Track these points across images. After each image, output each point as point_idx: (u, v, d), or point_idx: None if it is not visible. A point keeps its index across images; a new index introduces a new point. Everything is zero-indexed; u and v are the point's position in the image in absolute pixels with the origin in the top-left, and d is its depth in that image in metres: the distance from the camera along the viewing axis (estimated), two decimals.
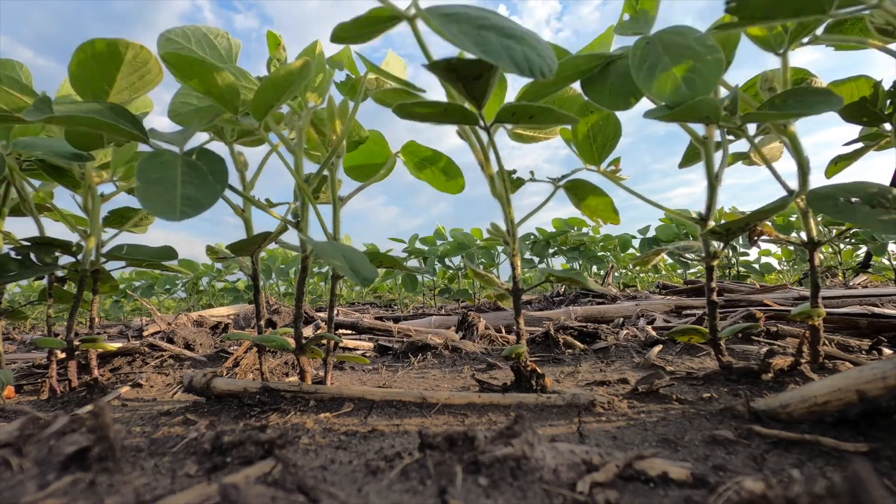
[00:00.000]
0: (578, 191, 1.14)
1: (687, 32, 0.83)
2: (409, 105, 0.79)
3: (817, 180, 1.05)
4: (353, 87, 1.06)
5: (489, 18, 0.68)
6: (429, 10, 0.70)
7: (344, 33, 0.75)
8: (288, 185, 1.05)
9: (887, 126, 1.02)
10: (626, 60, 0.89)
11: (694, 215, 0.99)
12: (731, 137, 1.00)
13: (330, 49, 1.03)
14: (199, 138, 1.03)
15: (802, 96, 0.79)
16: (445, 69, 0.72)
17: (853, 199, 0.75)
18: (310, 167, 1.03)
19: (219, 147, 1.10)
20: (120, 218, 1.25)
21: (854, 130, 1.14)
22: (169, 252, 1.21)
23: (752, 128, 1.08)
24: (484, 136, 0.92)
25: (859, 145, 1.14)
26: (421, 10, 0.71)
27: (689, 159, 1.16)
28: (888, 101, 0.98)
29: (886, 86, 0.98)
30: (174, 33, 0.95)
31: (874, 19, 0.81)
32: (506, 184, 0.96)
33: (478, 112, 0.82)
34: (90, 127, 0.79)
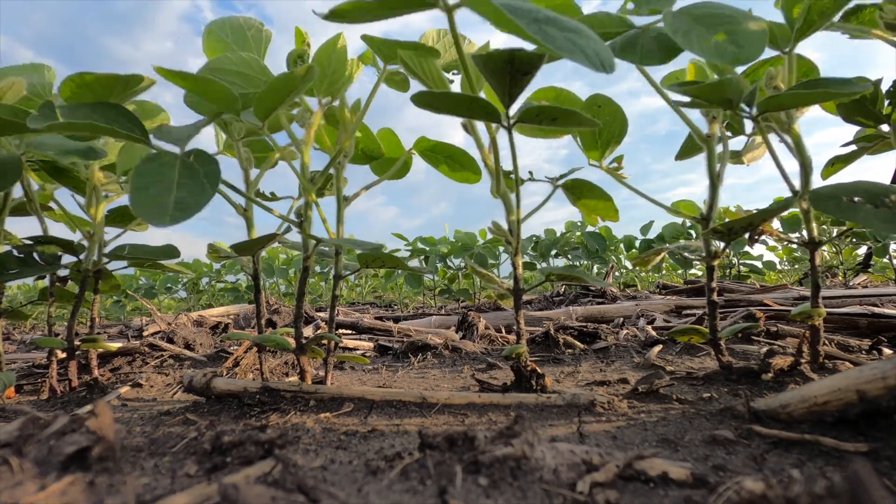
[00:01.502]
0: (577, 190, 1.14)
1: (718, 6, 0.79)
2: (430, 95, 0.75)
3: (818, 181, 1.05)
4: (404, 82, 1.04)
5: (540, 11, 0.63)
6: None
7: (351, 7, 0.67)
8: (292, 183, 1.06)
9: (885, 127, 1.02)
10: (656, 27, 0.86)
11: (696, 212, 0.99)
12: (729, 134, 1.00)
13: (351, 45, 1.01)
14: (199, 140, 1.03)
15: (825, 82, 0.78)
16: (505, 61, 0.68)
17: (856, 199, 0.75)
18: (314, 165, 1.03)
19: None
20: (121, 216, 1.25)
21: (853, 130, 1.14)
22: (171, 251, 1.21)
23: (748, 126, 1.07)
24: (503, 134, 0.89)
25: (856, 147, 1.13)
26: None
27: (686, 152, 1.16)
28: (887, 102, 0.98)
29: (886, 86, 0.98)
30: (216, 24, 1.01)
31: (884, 14, 0.81)
32: (516, 183, 0.95)
33: (506, 110, 0.79)
34: (91, 132, 0.79)
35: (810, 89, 0.77)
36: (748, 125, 1.07)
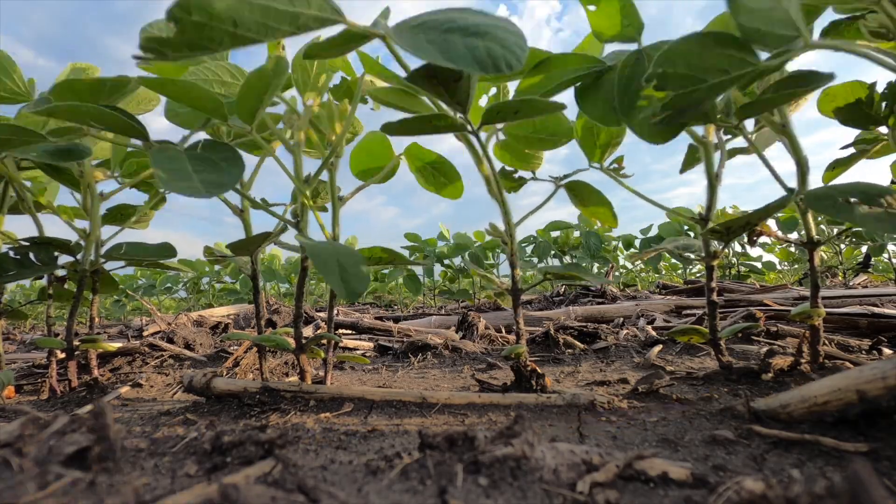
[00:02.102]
0: (578, 191, 1.14)
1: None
2: (396, 123, 0.81)
3: (817, 180, 1.05)
4: (349, 90, 1.05)
5: (455, 20, 0.67)
6: (397, 25, 0.70)
7: (317, 50, 0.76)
8: (287, 183, 1.05)
9: (883, 129, 1.02)
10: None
11: (695, 214, 0.99)
12: (728, 136, 1.00)
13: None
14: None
15: (791, 82, 0.78)
16: (426, 77, 0.73)
17: (851, 199, 0.75)
18: (309, 166, 1.03)
19: None
20: (119, 215, 1.25)
21: (855, 131, 1.14)
22: (168, 250, 1.21)
23: (749, 126, 1.07)
24: (474, 140, 0.91)
25: (854, 150, 1.13)
26: (388, 30, 0.70)
27: (689, 163, 1.16)
28: (883, 104, 0.98)
29: (881, 88, 0.97)
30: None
31: (868, 23, 0.80)
32: (500, 186, 0.96)
33: (464, 117, 0.82)
34: (92, 119, 0.79)
35: (777, 92, 0.78)
36: (749, 124, 1.06)
